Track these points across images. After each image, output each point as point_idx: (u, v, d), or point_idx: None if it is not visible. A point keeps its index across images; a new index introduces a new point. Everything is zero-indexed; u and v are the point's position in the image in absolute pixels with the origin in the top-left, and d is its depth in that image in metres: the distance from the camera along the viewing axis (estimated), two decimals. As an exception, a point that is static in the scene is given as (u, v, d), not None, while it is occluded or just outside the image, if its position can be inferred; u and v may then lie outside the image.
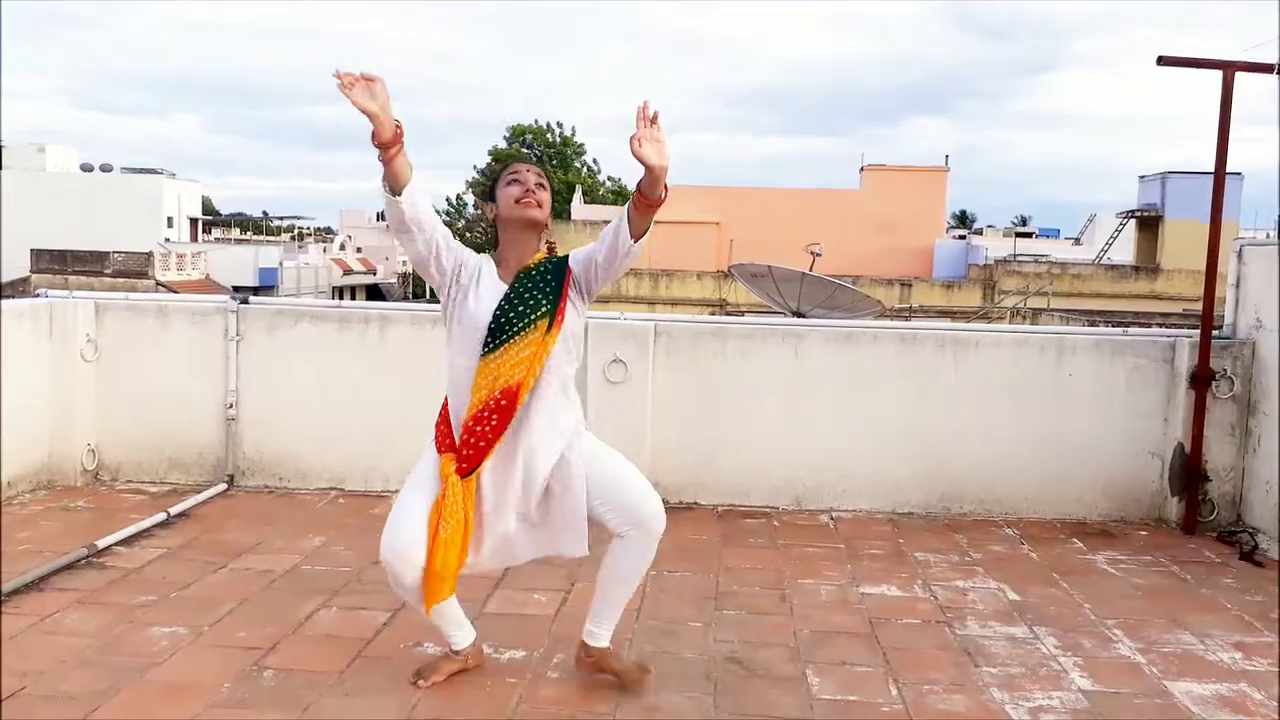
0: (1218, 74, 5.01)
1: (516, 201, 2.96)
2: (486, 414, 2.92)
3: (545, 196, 3.00)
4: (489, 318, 2.92)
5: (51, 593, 3.90)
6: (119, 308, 5.57)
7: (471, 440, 2.94)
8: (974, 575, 4.48)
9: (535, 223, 2.99)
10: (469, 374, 2.95)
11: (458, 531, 2.93)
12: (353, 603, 3.92)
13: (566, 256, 3.00)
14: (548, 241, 3.06)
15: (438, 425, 3.08)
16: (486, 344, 2.92)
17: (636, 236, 2.83)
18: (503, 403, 2.91)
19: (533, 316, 2.92)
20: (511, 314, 2.92)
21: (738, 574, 4.39)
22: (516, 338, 2.91)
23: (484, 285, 2.98)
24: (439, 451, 3.03)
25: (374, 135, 2.67)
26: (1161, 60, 5.00)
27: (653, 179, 2.73)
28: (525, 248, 3.02)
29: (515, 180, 2.99)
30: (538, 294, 2.94)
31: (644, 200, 2.78)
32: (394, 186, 2.77)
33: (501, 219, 3.03)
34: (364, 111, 2.61)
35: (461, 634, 3.26)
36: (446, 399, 3.09)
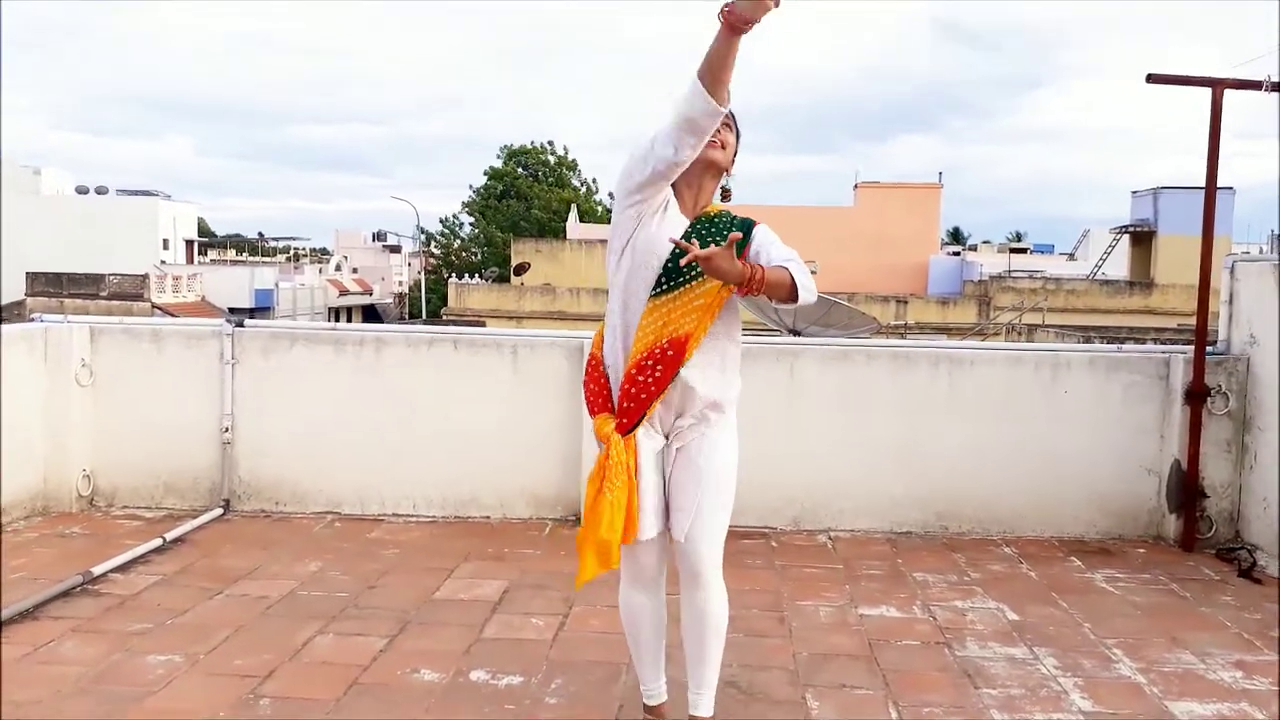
0: (1207, 91, 5.05)
1: None
2: (651, 363, 2.67)
3: (729, 137, 2.75)
4: (668, 250, 2.67)
5: (47, 621, 3.87)
6: (114, 332, 5.57)
7: (633, 391, 2.69)
8: (973, 595, 4.46)
9: (715, 164, 2.74)
10: (635, 317, 2.70)
11: (623, 492, 2.68)
12: (349, 629, 3.90)
13: (753, 221, 2.80)
14: (723, 189, 2.82)
15: (586, 386, 2.85)
16: (661, 283, 2.69)
17: (786, 301, 2.63)
18: (669, 353, 2.67)
19: (686, 271, 2.68)
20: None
21: (736, 596, 4.33)
22: (694, 283, 2.67)
23: (670, 214, 2.73)
24: (592, 414, 2.80)
25: (730, 13, 2.33)
26: (1151, 78, 5.03)
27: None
28: (703, 191, 2.79)
29: None
30: (721, 242, 2.63)
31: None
32: (719, 86, 2.43)
33: None
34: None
35: (658, 687, 3.02)
36: (594, 356, 2.85)
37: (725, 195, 2.84)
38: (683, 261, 2.62)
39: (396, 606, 4.12)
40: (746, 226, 2.78)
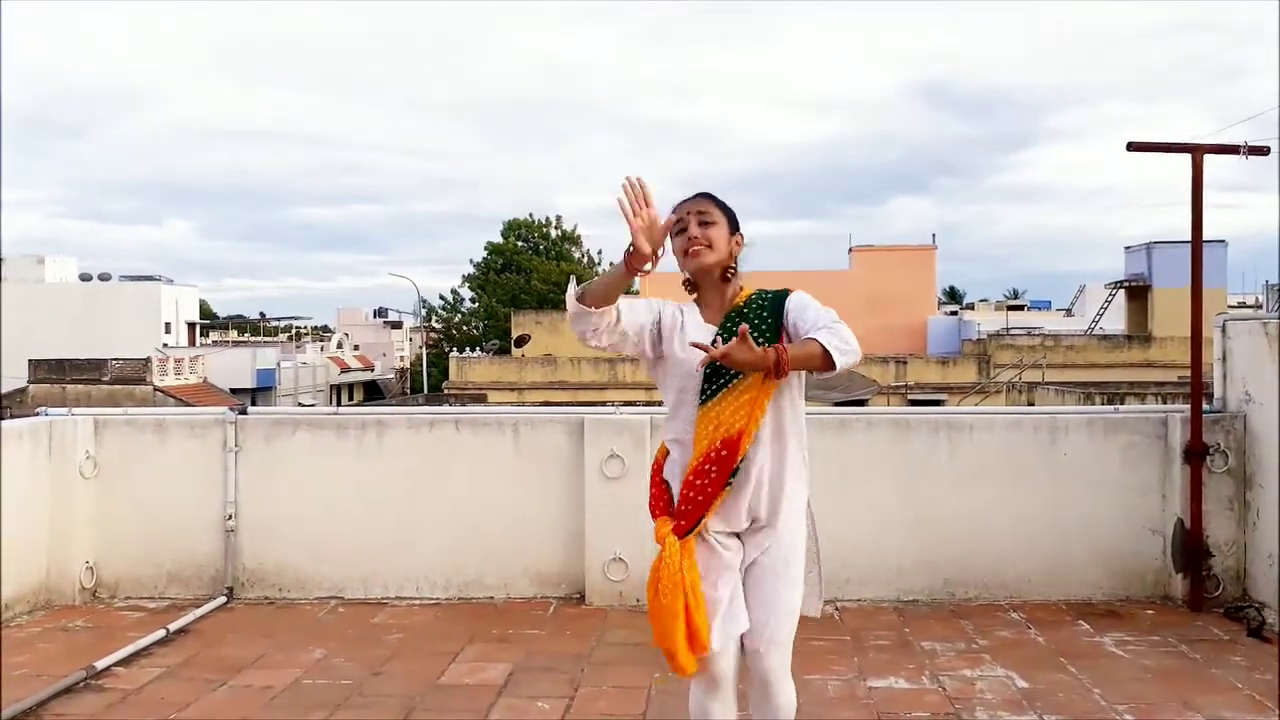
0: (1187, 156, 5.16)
1: (684, 254, 2.76)
2: (707, 466, 2.69)
3: (714, 233, 2.74)
4: (700, 365, 2.66)
5: (50, 719, 3.85)
6: (118, 423, 5.61)
7: (691, 494, 2.70)
8: (981, 663, 4.43)
9: (705, 270, 2.77)
10: (690, 426, 2.73)
11: (677, 596, 2.63)
12: (355, 716, 3.87)
13: (786, 292, 2.78)
14: (727, 270, 2.79)
15: (651, 490, 2.86)
16: (704, 391, 2.71)
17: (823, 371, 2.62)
18: (723, 453, 2.68)
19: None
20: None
21: (744, 673, 4.34)
22: (735, 381, 2.68)
23: (689, 330, 2.76)
24: (654, 518, 2.81)
25: (632, 257, 2.58)
26: (1131, 146, 5.15)
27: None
28: (719, 289, 2.81)
29: (680, 229, 2.75)
30: (753, 333, 2.67)
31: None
32: (597, 301, 2.64)
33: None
34: (635, 244, 2.56)
35: None
36: (658, 461, 2.87)
37: (725, 277, 2.79)
38: (699, 364, 2.61)
39: (402, 693, 4.10)
40: (778, 301, 2.77)
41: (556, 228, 52.52)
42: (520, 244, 51.36)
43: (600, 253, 54.59)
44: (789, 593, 2.75)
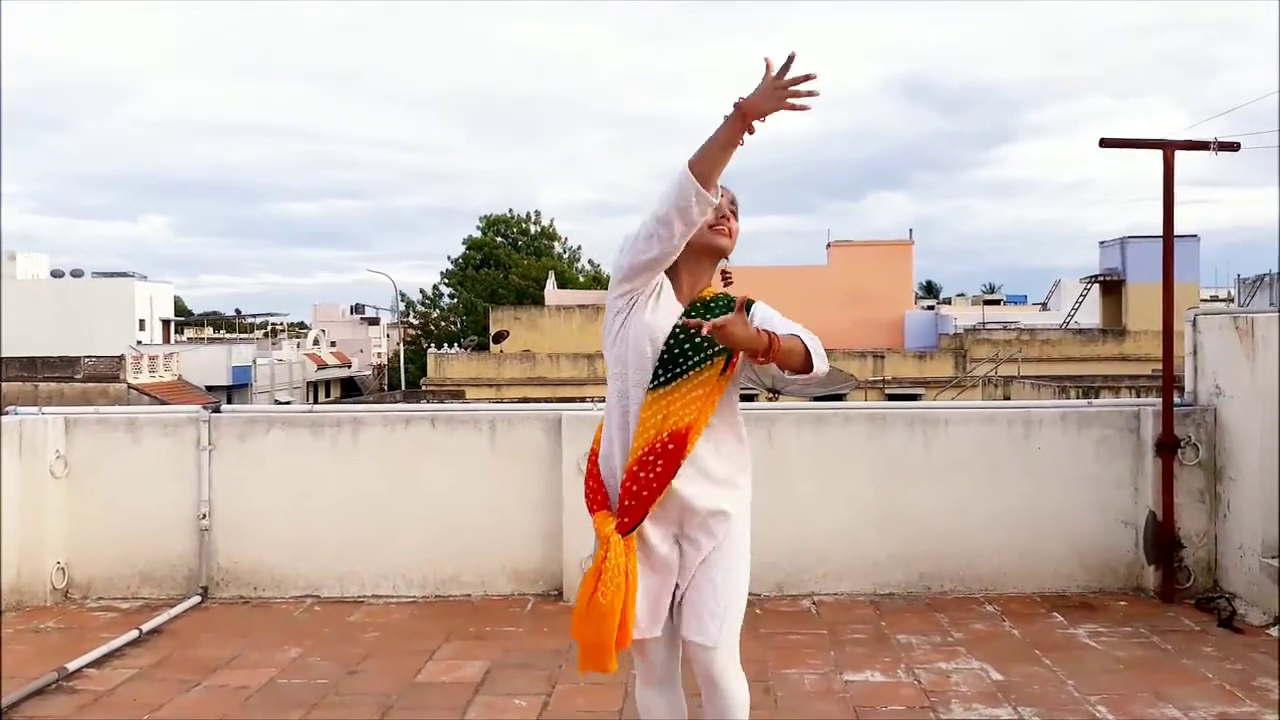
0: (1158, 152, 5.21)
1: (710, 227, 2.63)
2: (652, 459, 2.58)
3: (737, 226, 2.73)
4: (663, 338, 2.61)
5: (20, 721, 3.81)
6: (89, 422, 5.55)
7: (634, 489, 2.60)
8: (956, 656, 4.46)
9: (722, 252, 2.72)
10: (635, 410, 2.62)
11: (617, 597, 2.57)
12: (331, 715, 3.85)
13: (751, 301, 2.63)
14: (723, 270, 2.78)
15: (587, 483, 2.77)
16: (658, 375, 2.61)
17: (796, 372, 2.58)
18: (670, 446, 2.58)
19: (710, 352, 2.61)
20: (689, 345, 2.60)
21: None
22: (692, 373, 2.59)
23: (664, 301, 2.66)
24: (591, 512, 2.72)
25: (748, 114, 2.43)
26: (1104, 142, 5.19)
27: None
28: (701, 276, 2.73)
29: (718, 212, 2.66)
30: (702, 334, 2.58)
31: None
32: (710, 180, 2.47)
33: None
34: (761, 102, 2.42)
35: None
36: (593, 451, 2.78)
37: (726, 278, 2.79)
38: (689, 335, 2.58)
39: (378, 691, 4.08)
40: (745, 306, 2.65)
41: (535, 223, 52.42)
42: (499, 239, 51.22)
43: (579, 248, 54.46)
44: (735, 591, 2.68)
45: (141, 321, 48.43)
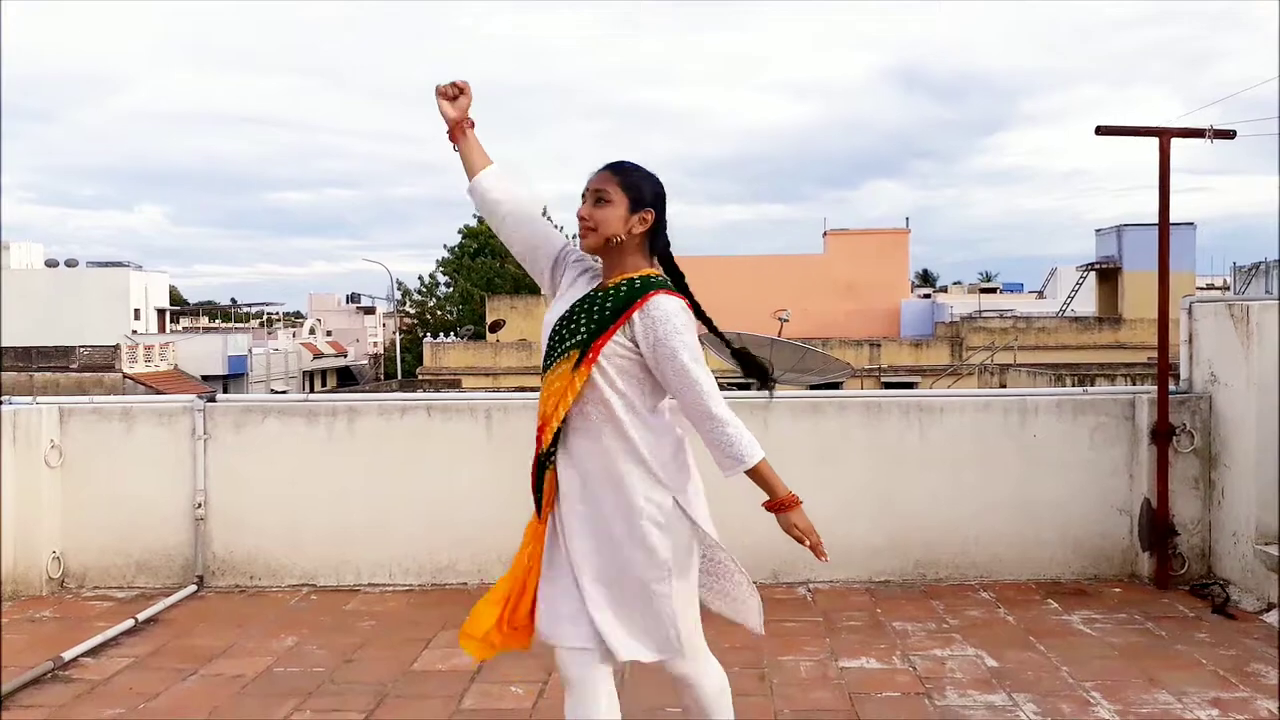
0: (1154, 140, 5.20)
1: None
2: (535, 443, 2.60)
3: (603, 213, 2.55)
4: (554, 323, 2.58)
5: (17, 710, 3.80)
6: (84, 412, 5.54)
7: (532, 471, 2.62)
8: (952, 643, 4.48)
9: (589, 250, 2.63)
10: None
11: (505, 583, 2.60)
12: (327, 705, 3.85)
13: (645, 292, 2.49)
14: (637, 254, 2.60)
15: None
16: (546, 354, 2.58)
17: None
18: (538, 434, 2.58)
19: (568, 343, 2.52)
20: (563, 331, 2.55)
21: (716, 654, 4.34)
22: (556, 363, 2.54)
23: (576, 287, 2.64)
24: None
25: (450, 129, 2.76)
26: (1100, 130, 5.18)
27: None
28: (610, 264, 2.62)
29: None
30: (585, 319, 2.52)
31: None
32: (468, 174, 2.75)
33: None
34: (441, 110, 2.74)
35: None
36: None
37: (623, 253, 2.59)
38: (564, 322, 2.55)
39: (374, 680, 4.08)
40: (630, 297, 2.50)
41: (530, 212, 52.27)
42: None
43: (573, 237, 54.33)
44: (663, 601, 2.54)
45: (137, 311, 48.30)
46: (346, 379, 53.53)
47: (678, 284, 2.63)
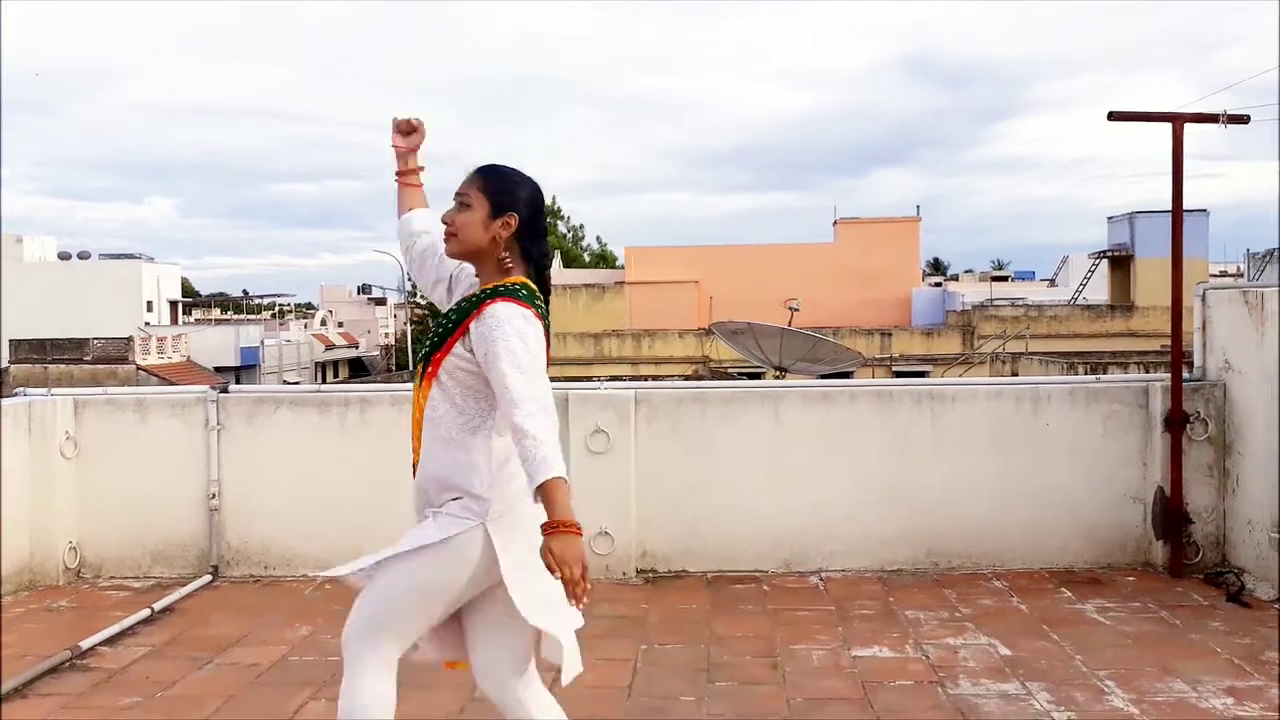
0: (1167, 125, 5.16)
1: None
2: None
3: (464, 218, 2.49)
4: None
5: (35, 699, 3.84)
6: (98, 403, 5.57)
7: None
8: (964, 631, 4.47)
9: (453, 257, 2.59)
10: None
11: None
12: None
13: (484, 299, 2.44)
14: (505, 261, 2.51)
15: None
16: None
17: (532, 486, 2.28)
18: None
19: (419, 357, 2.57)
20: (428, 341, 2.57)
21: (729, 643, 4.37)
22: (418, 368, 2.58)
23: (453, 297, 2.67)
24: None
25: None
26: (1112, 115, 5.14)
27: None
28: (481, 273, 2.56)
29: None
30: (432, 333, 2.55)
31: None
32: (401, 211, 2.86)
33: None
34: (393, 144, 2.83)
35: None
36: None
37: (488, 262, 2.54)
38: (433, 330, 2.58)
39: (388, 669, 4.09)
40: (471, 307, 2.46)
41: (540, 203, 52.24)
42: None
43: (582, 226, 54.32)
44: (382, 579, 2.69)
45: (149, 303, 48.54)
46: (358, 370, 53.69)
47: (534, 295, 2.50)
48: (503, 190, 2.51)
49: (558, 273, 41.37)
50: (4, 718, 3.67)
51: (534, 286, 2.52)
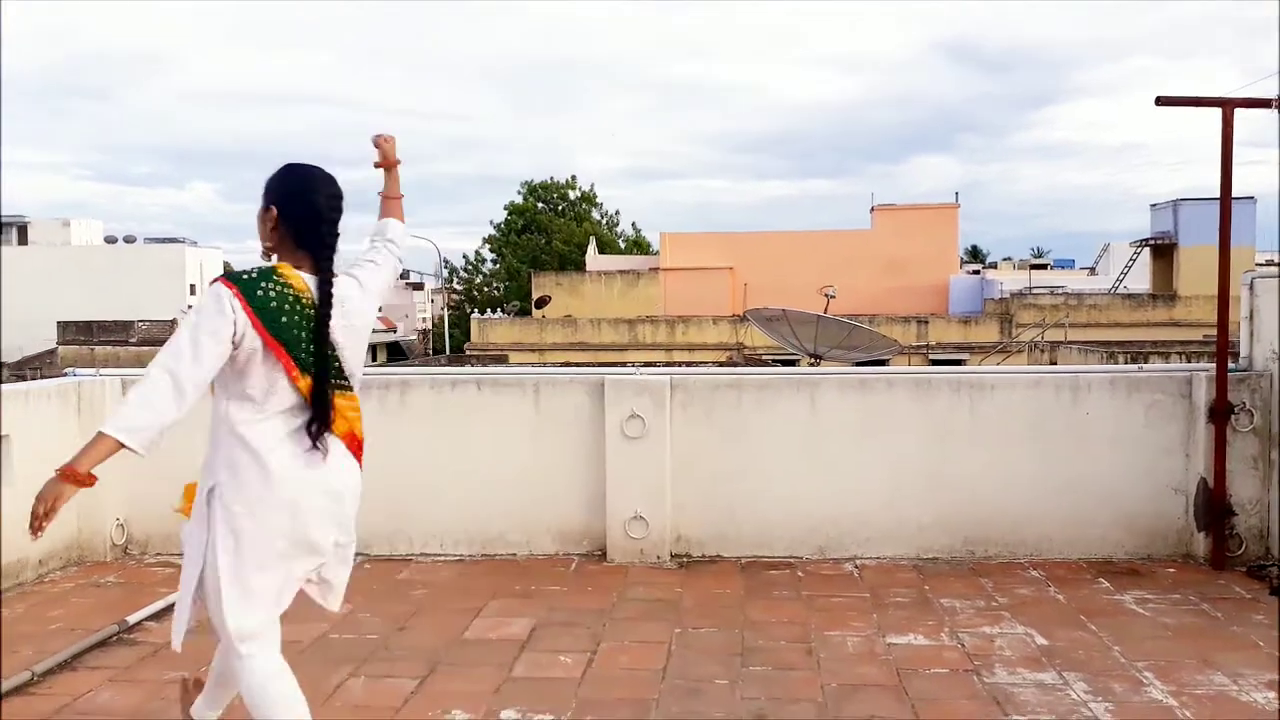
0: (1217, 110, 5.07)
1: None
2: None
3: (258, 217, 2.82)
4: None
5: (84, 671, 3.94)
6: (145, 383, 5.67)
7: None
8: (1001, 620, 4.45)
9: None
10: None
11: None
12: (380, 670, 3.94)
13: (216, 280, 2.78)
14: (269, 250, 2.84)
15: None
16: None
17: None
18: None
19: None
20: None
21: (763, 628, 4.39)
22: None
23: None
24: None
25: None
26: (1160, 101, 5.06)
27: None
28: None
29: None
30: None
31: None
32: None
33: None
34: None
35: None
36: None
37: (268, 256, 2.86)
38: None
39: (426, 647, 4.17)
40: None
41: (574, 188, 52.33)
42: (540, 205, 51.23)
43: (618, 213, 54.30)
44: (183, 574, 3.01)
45: (192, 286, 49.19)
46: (396, 353, 54.12)
47: (266, 276, 2.73)
48: (265, 188, 2.81)
49: (593, 259, 41.41)
50: (56, 690, 3.77)
51: (280, 268, 2.73)
